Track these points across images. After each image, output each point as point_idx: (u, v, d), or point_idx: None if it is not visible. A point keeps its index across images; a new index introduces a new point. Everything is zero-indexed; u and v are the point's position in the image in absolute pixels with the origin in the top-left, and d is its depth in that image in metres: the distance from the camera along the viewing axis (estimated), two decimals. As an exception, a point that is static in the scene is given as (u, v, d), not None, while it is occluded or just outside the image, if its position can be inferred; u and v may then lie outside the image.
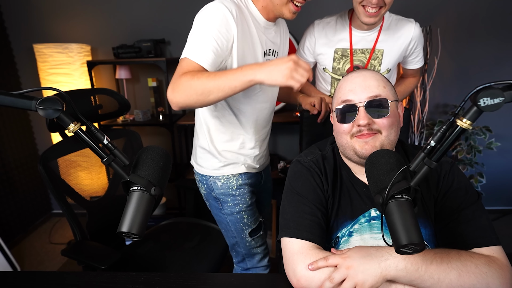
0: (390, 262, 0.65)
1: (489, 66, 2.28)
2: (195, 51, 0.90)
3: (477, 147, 2.16)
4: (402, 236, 0.52)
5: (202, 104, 0.86)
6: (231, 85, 0.83)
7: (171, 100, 0.86)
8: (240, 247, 1.27)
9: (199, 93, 0.84)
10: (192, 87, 0.83)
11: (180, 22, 2.33)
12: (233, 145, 1.16)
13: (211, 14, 0.92)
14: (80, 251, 1.21)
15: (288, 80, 0.80)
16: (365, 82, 0.79)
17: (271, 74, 0.80)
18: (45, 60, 2.15)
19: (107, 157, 0.60)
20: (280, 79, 0.80)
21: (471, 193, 0.79)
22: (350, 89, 0.80)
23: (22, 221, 2.46)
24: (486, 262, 0.67)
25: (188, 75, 0.85)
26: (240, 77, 0.82)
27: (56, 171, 1.22)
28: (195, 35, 0.92)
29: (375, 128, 0.77)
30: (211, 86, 0.83)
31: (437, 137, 0.56)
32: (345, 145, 0.82)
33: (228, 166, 1.17)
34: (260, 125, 1.18)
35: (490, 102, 0.50)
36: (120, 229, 0.55)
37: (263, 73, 0.81)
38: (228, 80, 0.83)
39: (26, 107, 0.57)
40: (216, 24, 0.91)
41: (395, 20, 1.30)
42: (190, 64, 0.89)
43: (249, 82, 0.82)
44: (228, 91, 0.84)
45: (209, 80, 0.83)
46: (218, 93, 0.84)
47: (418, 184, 0.57)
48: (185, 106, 0.87)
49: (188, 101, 0.85)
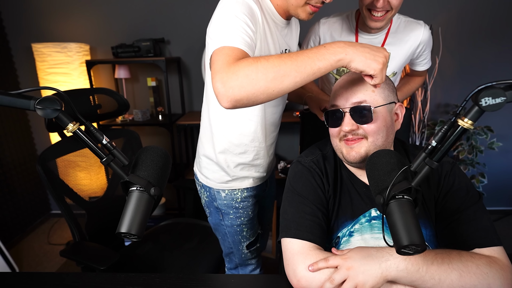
0: (390, 263, 0.65)
1: (491, 65, 2.28)
2: (233, 36, 0.75)
3: (478, 147, 2.16)
4: (403, 236, 0.52)
5: (270, 95, 0.68)
6: (314, 66, 0.67)
7: (226, 93, 0.66)
8: (235, 256, 1.25)
9: (269, 79, 0.66)
10: (260, 71, 0.66)
11: (180, 21, 2.33)
12: (245, 157, 1.08)
13: (236, 2, 0.81)
14: (78, 252, 1.20)
15: (381, 71, 0.69)
16: (352, 87, 0.80)
17: (366, 58, 0.68)
18: (44, 60, 2.15)
19: (106, 157, 0.60)
20: (375, 66, 0.68)
21: (472, 193, 0.79)
22: (337, 94, 0.82)
23: (20, 221, 2.46)
24: (487, 262, 0.67)
25: (249, 59, 0.68)
26: (326, 55, 0.67)
27: (54, 171, 1.22)
28: (226, 23, 0.78)
29: (360, 133, 0.78)
30: (287, 68, 0.66)
31: (438, 137, 0.56)
32: (336, 147, 0.85)
33: (236, 180, 1.11)
34: (270, 130, 1.11)
35: (491, 102, 0.50)
36: (119, 229, 0.55)
37: (356, 53, 0.68)
38: (310, 60, 0.67)
39: (25, 106, 0.57)
40: (244, 11, 0.80)
41: (403, 22, 1.26)
42: (235, 50, 0.73)
43: (337, 62, 0.68)
44: (309, 73, 0.68)
45: (283, 60, 0.67)
46: (296, 77, 0.67)
47: (419, 184, 0.57)
48: (246, 100, 0.67)
49: (253, 91, 0.66)
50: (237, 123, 1.03)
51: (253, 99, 0.68)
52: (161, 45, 2.36)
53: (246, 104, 0.69)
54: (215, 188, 1.12)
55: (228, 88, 0.66)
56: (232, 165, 1.08)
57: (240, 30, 0.77)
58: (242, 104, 0.68)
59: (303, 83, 0.69)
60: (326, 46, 0.69)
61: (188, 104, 2.55)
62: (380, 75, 0.69)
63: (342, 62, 0.68)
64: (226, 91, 0.66)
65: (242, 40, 0.75)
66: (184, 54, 2.42)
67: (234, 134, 1.04)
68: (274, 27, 0.95)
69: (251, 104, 0.69)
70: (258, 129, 1.05)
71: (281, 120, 1.17)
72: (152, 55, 2.20)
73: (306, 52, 0.69)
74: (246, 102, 0.68)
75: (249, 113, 1.01)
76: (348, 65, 0.69)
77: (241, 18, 0.78)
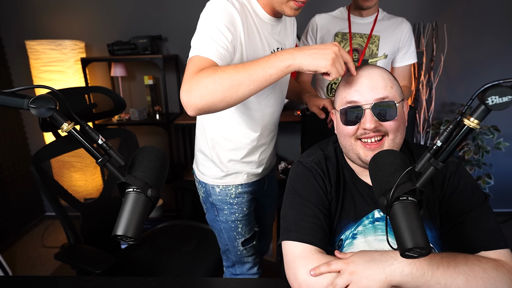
0: (395, 267, 0.64)
1: (497, 63, 2.28)
2: (205, 47, 0.82)
3: (485, 147, 2.16)
4: (407, 239, 0.52)
5: (228, 103, 0.76)
6: (265, 74, 0.74)
7: (188, 102, 0.74)
8: (231, 253, 1.27)
9: (225, 88, 0.73)
10: (217, 82, 0.73)
11: (177, 18, 2.33)
12: (237, 154, 1.12)
13: (216, 10, 0.87)
14: (73, 255, 1.21)
15: (331, 67, 0.73)
16: (372, 82, 0.78)
17: (314, 58, 0.73)
18: (38, 57, 2.15)
19: (102, 157, 0.60)
20: (324, 64, 0.73)
21: (477, 194, 0.79)
22: (356, 89, 0.78)
23: (13, 223, 2.46)
24: (494, 266, 0.67)
25: (209, 70, 0.75)
26: (276, 62, 0.74)
27: (49, 172, 1.22)
28: (202, 32, 0.85)
29: (382, 130, 0.77)
30: (241, 77, 0.73)
31: (444, 137, 0.56)
32: (349, 147, 0.81)
33: (229, 176, 1.15)
34: (268, 130, 1.15)
35: (498, 101, 0.50)
36: (115, 232, 0.55)
37: (303, 57, 0.73)
38: (261, 68, 0.74)
39: (18, 106, 0.57)
40: (223, 19, 0.85)
41: (387, 15, 1.52)
42: (202, 61, 0.79)
43: (286, 68, 0.74)
44: (261, 80, 0.74)
45: (237, 71, 0.74)
46: (249, 85, 0.74)
47: (423, 185, 0.57)
48: (207, 108, 0.75)
49: (212, 100, 0.73)
50: (230, 120, 1.07)
51: (213, 107, 0.75)
52: (158, 42, 2.36)
53: (208, 111, 0.76)
54: (210, 183, 1.17)
55: (191, 98, 0.74)
56: (224, 160, 1.12)
57: (215, 40, 0.83)
58: (204, 112, 0.76)
59: (258, 90, 0.76)
60: (277, 54, 0.76)
61: (186, 103, 2.55)
62: (333, 70, 0.74)
63: (292, 67, 0.75)
64: (189, 101, 0.74)
65: (215, 51, 0.82)
66: (182, 52, 2.42)
67: (225, 129, 1.09)
68: (262, 27, 0.98)
69: (212, 111, 0.76)
70: (252, 127, 1.09)
71: (279, 120, 1.21)
72: (149, 52, 2.20)
73: (258, 61, 0.75)
74: (208, 109, 0.76)
75: (244, 111, 1.06)
76: (300, 68, 0.74)
77: (219, 27, 0.84)
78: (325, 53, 0.73)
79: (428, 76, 2.24)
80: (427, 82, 2.24)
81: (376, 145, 0.77)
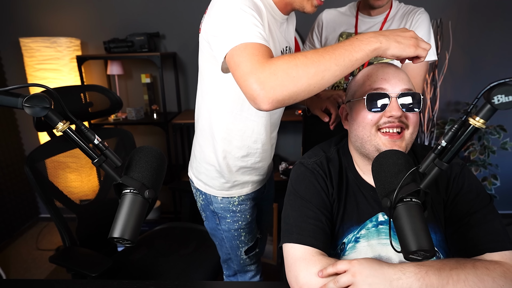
0: (403, 282, 0.63)
1: (503, 61, 2.28)
2: (249, 32, 0.74)
3: (491, 147, 2.16)
4: (411, 241, 0.52)
5: (310, 92, 0.69)
6: (352, 58, 0.70)
7: (265, 96, 0.66)
8: (233, 263, 1.25)
9: (311, 75, 0.67)
10: (300, 69, 0.67)
11: (175, 15, 2.33)
12: (248, 160, 1.09)
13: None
14: (69, 257, 1.20)
15: (417, 49, 0.72)
16: (398, 74, 0.80)
17: (399, 42, 0.71)
18: (32, 55, 2.15)
19: (98, 158, 0.60)
20: (409, 47, 0.71)
21: (482, 196, 0.79)
22: (383, 78, 0.80)
23: (7, 226, 2.45)
24: (502, 273, 0.67)
25: (285, 56, 0.69)
26: (361, 46, 0.70)
27: (43, 173, 1.22)
28: (235, 17, 0.77)
29: (404, 122, 0.78)
30: (326, 62, 0.68)
31: (448, 137, 0.56)
32: (367, 138, 0.80)
33: (236, 187, 1.12)
34: (271, 130, 1.12)
35: (504, 100, 0.50)
36: (112, 234, 0.55)
37: (389, 40, 0.71)
38: (348, 52, 0.70)
39: (12, 105, 0.57)
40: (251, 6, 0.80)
41: (402, 8, 1.34)
42: (257, 48, 0.72)
43: (372, 51, 0.71)
44: (348, 66, 0.70)
45: (321, 55, 0.69)
46: (336, 71, 0.69)
47: (428, 186, 0.57)
48: (288, 99, 0.68)
49: (295, 89, 0.67)
50: (241, 125, 1.03)
51: (294, 98, 0.68)
52: (155, 39, 2.36)
53: (286, 104, 0.70)
54: (213, 194, 1.13)
55: (269, 89, 0.66)
56: (234, 169, 1.08)
57: (253, 24, 0.76)
58: (282, 105, 0.69)
59: (341, 76, 0.71)
60: (359, 37, 0.72)
61: (184, 102, 2.55)
62: (420, 50, 0.72)
63: (378, 51, 0.71)
64: (267, 93, 0.66)
65: (259, 34, 0.75)
66: (180, 49, 2.42)
67: (236, 136, 1.04)
68: (274, 25, 0.96)
69: (291, 103, 0.70)
70: (262, 130, 1.05)
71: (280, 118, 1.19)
72: (146, 50, 2.20)
73: (341, 45, 0.71)
74: (288, 101, 0.69)
75: (253, 114, 1.02)
76: (384, 53, 0.71)
77: (248, 12, 0.78)
78: (407, 36, 0.72)
79: (432, 74, 2.24)
80: (432, 80, 2.24)
81: (398, 137, 0.78)
